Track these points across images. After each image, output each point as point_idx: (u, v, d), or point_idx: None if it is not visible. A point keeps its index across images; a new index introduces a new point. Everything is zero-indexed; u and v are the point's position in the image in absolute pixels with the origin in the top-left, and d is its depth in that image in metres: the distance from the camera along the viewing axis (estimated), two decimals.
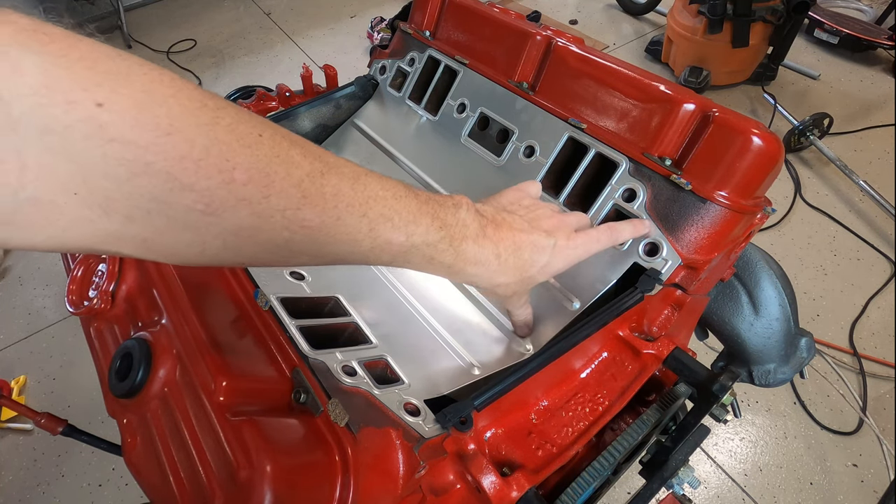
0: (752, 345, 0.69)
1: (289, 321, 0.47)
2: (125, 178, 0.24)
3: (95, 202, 0.25)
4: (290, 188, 0.29)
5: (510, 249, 0.43)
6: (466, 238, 0.40)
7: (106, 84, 0.23)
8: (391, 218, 0.35)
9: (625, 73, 0.55)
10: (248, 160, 0.28)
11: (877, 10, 2.49)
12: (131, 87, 0.24)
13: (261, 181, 0.28)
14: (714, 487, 1.23)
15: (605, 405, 0.47)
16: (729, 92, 2.21)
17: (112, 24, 2.73)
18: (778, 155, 0.49)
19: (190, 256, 0.30)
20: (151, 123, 0.24)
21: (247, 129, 0.28)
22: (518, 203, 0.48)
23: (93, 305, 0.56)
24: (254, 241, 0.30)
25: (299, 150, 0.31)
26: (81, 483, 1.28)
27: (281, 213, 0.29)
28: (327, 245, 0.33)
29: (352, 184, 0.33)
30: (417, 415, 0.40)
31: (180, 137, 0.25)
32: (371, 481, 0.38)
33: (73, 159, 0.23)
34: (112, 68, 0.24)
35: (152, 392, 0.46)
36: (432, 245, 0.38)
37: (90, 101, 0.23)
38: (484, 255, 0.41)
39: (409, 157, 0.71)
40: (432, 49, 0.72)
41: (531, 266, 0.44)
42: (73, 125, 0.23)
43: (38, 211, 0.24)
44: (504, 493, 0.38)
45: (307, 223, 0.31)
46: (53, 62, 0.22)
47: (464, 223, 0.40)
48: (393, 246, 0.36)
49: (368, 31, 2.59)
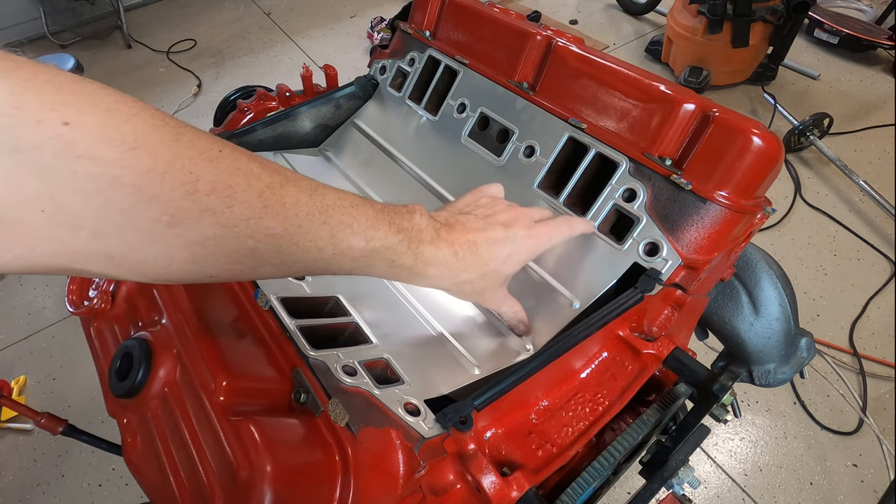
0: (752, 345, 0.69)
1: (289, 321, 0.47)
2: (93, 192, 0.25)
3: (63, 219, 0.25)
4: (252, 198, 0.31)
5: (466, 247, 0.44)
6: (423, 241, 0.41)
7: (72, 104, 0.24)
8: (350, 224, 0.36)
9: (625, 73, 0.55)
10: (211, 172, 0.29)
11: (877, 10, 2.49)
12: (96, 107, 0.25)
13: (223, 192, 0.29)
14: (714, 487, 1.23)
15: (605, 405, 0.47)
16: (729, 92, 2.21)
17: (112, 24, 2.73)
18: (778, 155, 0.49)
19: (158, 271, 0.30)
20: (117, 139, 0.25)
21: (207, 144, 0.29)
22: (474, 204, 0.50)
23: (93, 305, 0.56)
24: (220, 252, 0.31)
25: (257, 163, 0.32)
26: (81, 483, 1.28)
27: (245, 223, 0.31)
28: (292, 253, 0.34)
29: (310, 194, 0.34)
30: (417, 415, 0.40)
31: (145, 152, 0.26)
32: (371, 481, 0.38)
33: (42, 176, 0.24)
34: (77, 90, 0.25)
35: (152, 392, 0.46)
36: (392, 248, 0.39)
37: (58, 120, 0.24)
38: (442, 256, 0.42)
39: (409, 157, 0.71)
40: (432, 49, 0.72)
41: (492, 260, 0.45)
42: (43, 143, 0.23)
43: (6, 229, 0.24)
44: (504, 493, 0.38)
45: (270, 231, 0.32)
46: (22, 84, 0.23)
47: (419, 227, 0.41)
48: (354, 251, 0.37)
49: (368, 31, 2.59)
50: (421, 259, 0.41)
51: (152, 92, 2.43)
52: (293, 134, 0.77)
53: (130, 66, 2.61)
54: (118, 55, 2.68)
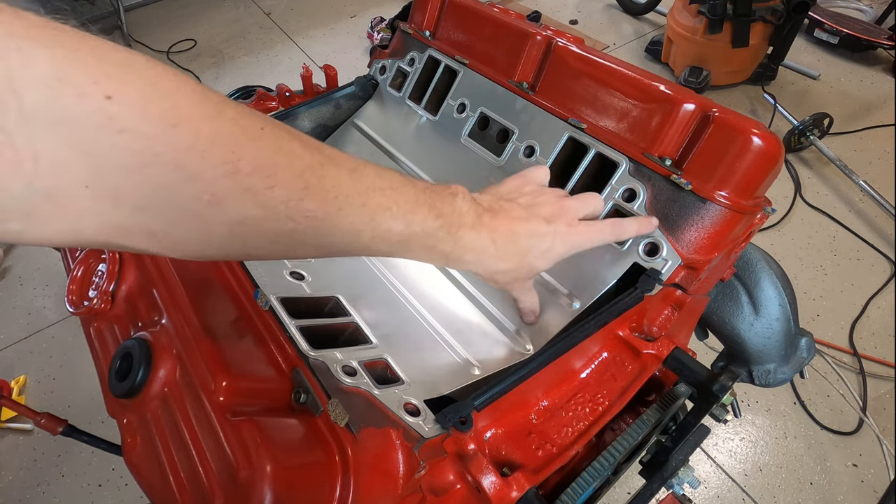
0: (752, 345, 0.69)
1: (289, 321, 0.47)
2: (134, 168, 0.25)
3: (105, 194, 0.25)
4: (293, 179, 0.30)
5: (506, 236, 0.43)
6: (463, 226, 0.41)
7: (114, 77, 0.24)
8: (390, 207, 0.36)
9: (625, 73, 0.55)
10: (252, 151, 0.28)
11: (877, 10, 2.49)
12: (138, 81, 0.25)
13: (265, 172, 0.29)
14: (714, 487, 1.23)
15: (605, 405, 0.47)
16: (729, 92, 2.21)
17: (112, 24, 2.73)
18: (778, 155, 0.49)
19: (197, 248, 0.30)
20: (158, 115, 0.25)
21: (249, 122, 0.29)
22: (519, 191, 0.49)
23: (93, 305, 0.56)
24: (258, 232, 0.30)
25: (300, 142, 0.31)
26: (81, 483, 1.28)
27: (285, 204, 0.30)
28: (330, 235, 0.34)
29: (350, 174, 0.34)
30: (417, 415, 0.40)
31: (186, 129, 0.26)
32: (371, 481, 0.38)
33: (85, 151, 0.24)
34: (119, 61, 0.25)
35: (152, 392, 0.46)
36: (431, 234, 0.38)
37: (100, 93, 0.23)
38: (481, 243, 0.42)
39: (409, 157, 0.71)
40: (432, 49, 0.72)
41: (529, 253, 0.45)
42: (85, 117, 0.23)
43: (51, 203, 0.24)
44: (504, 493, 0.38)
45: (310, 213, 0.31)
46: (64, 55, 0.23)
47: (460, 212, 0.41)
48: (393, 235, 0.37)
49: (368, 31, 2.59)
50: (459, 245, 0.41)
51: None
52: None
53: None
54: None
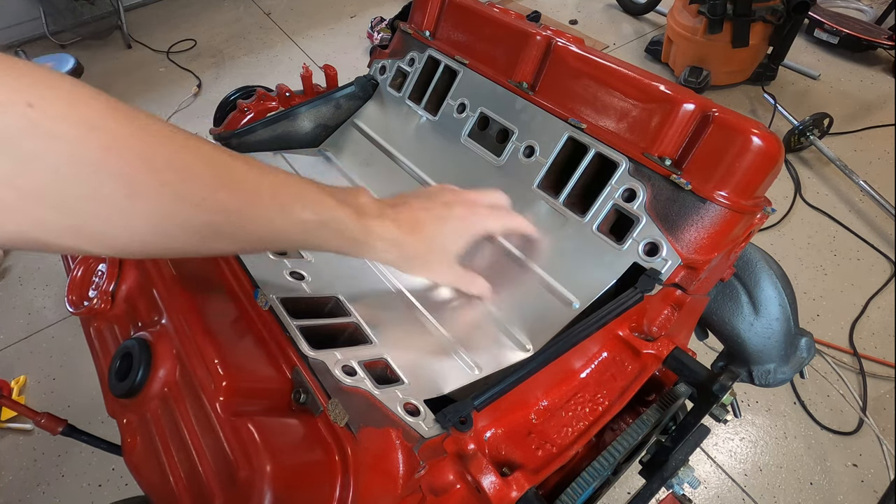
0: (752, 345, 0.69)
1: (289, 321, 0.47)
2: (58, 168, 0.27)
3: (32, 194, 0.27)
4: (206, 174, 0.34)
5: (410, 223, 0.48)
6: (369, 216, 0.45)
7: (35, 88, 0.27)
8: (300, 198, 0.40)
9: (624, 73, 0.55)
10: (166, 150, 0.32)
11: (877, 10, 2.49)
12: (58, 90, 0.28)
13: (178, 167, 0.32)
14: (714, 487, 1.23)
15: (605, 405, 0.47)
16: (729, 92, 2.21)
17: (112, 24, 2.73)
18: (778, 155, 0.49)
19: (122, 242, 0.32)
20: (78, 119, 0.28)
21: (160, 127, 0.32)
22: (420, 190, 0.54)
23: (93, 305, 0.56)
24: (177, 224, 0.33)
25: (209, 146, 0.35)
26: (81, 483, 1.28)
27: (199, 196, 0.33)
28: (244, 225, 0.37)
29: (259, 171, 0.38)
30: (417, 415, 0.40)
31: (104, 131, 0.29)
32: (371, 481, 0.38)
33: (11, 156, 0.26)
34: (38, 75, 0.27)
35: (152, 392, 0.46)
36: (340, 220, 0.43)
37: (22, 102, 0.26)
38: (388, 231, 0.46)
39: (409, 157, 0.71)
40: (432, 49, 0.72)
41: (437, 236, 0.49)
42: (9, 124, 0.25)
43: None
44: (504, 493, 0.38)
45: (224, 204, 0.35)
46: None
47: (365, 205, 0.45)
48: (306, 223, 0.40)
49: (368, 31, 2.59)
50: (368, 231, 0.45)
51: (152, 92, 2.43)
52: (293, 134, 0.77)
53: (130, 66, 2.61)
54: (118, 55, 2.68)
